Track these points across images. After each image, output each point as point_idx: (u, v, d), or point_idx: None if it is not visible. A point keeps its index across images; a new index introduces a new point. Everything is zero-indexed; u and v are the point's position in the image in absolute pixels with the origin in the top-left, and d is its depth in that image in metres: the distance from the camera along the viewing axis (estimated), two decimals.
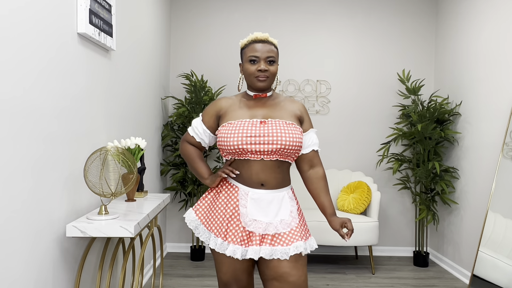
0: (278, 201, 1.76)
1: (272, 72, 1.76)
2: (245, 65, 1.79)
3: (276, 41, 1.81)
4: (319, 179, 1.83)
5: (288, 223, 1.74)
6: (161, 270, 2.86)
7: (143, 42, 3.27)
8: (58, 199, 1.87)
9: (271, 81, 1.78)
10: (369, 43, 4.39)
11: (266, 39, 1.77)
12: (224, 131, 1.74)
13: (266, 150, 1.70)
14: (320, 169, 1.85)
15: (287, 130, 1.73)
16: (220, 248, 1.72)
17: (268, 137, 1.71)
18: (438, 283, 3.57)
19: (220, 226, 1.75)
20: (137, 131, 3.15)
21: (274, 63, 1.76)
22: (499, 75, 3.25)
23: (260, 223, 1.73)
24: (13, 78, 1.51)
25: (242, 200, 1.75)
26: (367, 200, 3.87)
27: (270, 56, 1.75)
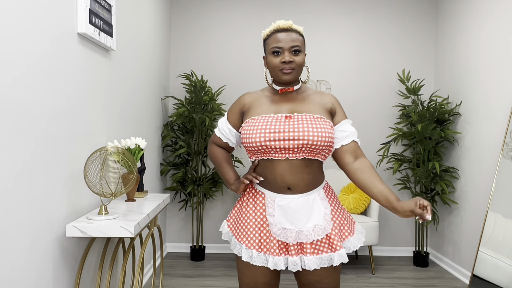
0: (309, 206, 1.59)
1: (298, 63, 1.59)
2: (268, 58, 1.62)
3: (301, 28, 1.65)
4: (370, 167, 1.60)
5: (323, 228, 1.59)
6: (161, 270, 2.86)
7: (143, 42, 3.27)
8: (58, 199, 1.87)
9: (298, 72, 1.61)
10: (369, 43, 4.39)
11: (289, 27, 1.61)
12: (247, 127, 1.60)
13: (292, 147, 1.54)
14: (366, 159, 1.64)
15: (316, 124, 1.56)
16: (257, 260, 1.59)
17: (293, 133, 1.54)
18: (438, 283, 3.57)
19: (252, 237, 1.61)
20: (137, 131, 3.15)
21: (300, 53, 1.60)
22: (499, 75, 3.25)
23: (290, 231, 1.58)
24: (13, 78, 1.51)
25: (269, 208, 1.61)
26: (367, 200, 3.87)
27: (294, 46, 1.58)
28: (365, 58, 4.40)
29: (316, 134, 1.54)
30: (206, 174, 4.04)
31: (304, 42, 1.64)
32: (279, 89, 1.66)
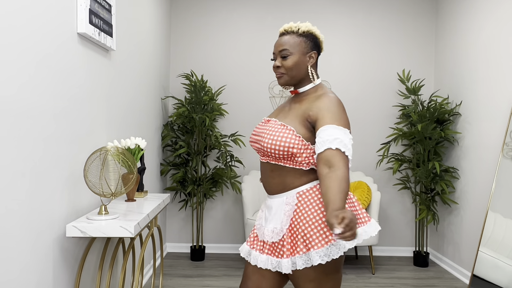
0: (276, 208, 1.61)
1: (285, 67, 1.58)
2: None
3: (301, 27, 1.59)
4: (331, 178, 1.39)
5: (277, 233, 1.59)
6: (161, 270, 2.86)
7: (143, 42, 3.27)
8: (58, 199, 1.87)
9: (290, 76, 1.59)
10: (369, 43, 4.39)
11: (284, 31, 1.61)
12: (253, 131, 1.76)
13: (255, 147, 1.66)
14: (337, 170, 1.40)
15: (273, 131, 1.56)
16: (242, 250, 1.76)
17: (257, 137, 1.64)
18: (438, 283, 3.57)
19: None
20: (137, 131, 3.15)
21: (288, 57, 1.57)
22: (499, 75, 3.25)
23: (261, 228, 1.68)
24: (12, 78, 1.51)
25: (261, 210, 1.77)
26: (367, 200, 3.87)
27: (282, 50, 1.58)
28: (365, 58, 4.40)
29: (268, 141, 1.55)
30: (206, 174, 4.04)
31: (301, 43, 1.58)
32: (290, 90, 1.68)
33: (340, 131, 1.45)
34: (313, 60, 1.61)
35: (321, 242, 1.50)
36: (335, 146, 1.43)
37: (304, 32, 1.59)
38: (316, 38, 1.62)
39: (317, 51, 1.62)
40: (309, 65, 1.61)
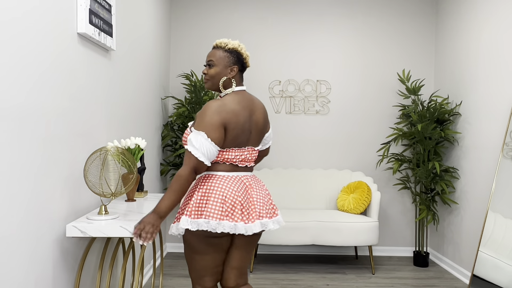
0: None
1: (209, 74, 1.90)
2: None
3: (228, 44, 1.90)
4: (174, 177, 1.79)
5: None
6: (161, 270, 2.86)
7: (143, 42, 3.27)
8: (58, 199, 1.87)
9: (211, 83, 1.91)
10: (369, 43, 4.39)
11: (215, 45, 1.92)
12: None
13: None
14: (181, 168, 1.79)
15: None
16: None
17: None
18: (438, 283, 3.57)
19: None
20: (137, 131, 3.15)
21: (211, 67, 1.90)
22: (499, 75, 3.25)
23: None
24: (12, 78, 1.51)
25: None
26: (367, 200, 3.87)
27: (209, 60, 1.90)
28: (365, 58, 4.40)
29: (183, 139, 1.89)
30: None
31: (227, 57, 1.89)
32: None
33: (194, 134, 1.79)
34: (234, 73, 1.89)
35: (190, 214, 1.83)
36: (189, 148, 1.79)
37: (229, 49, 1.90)
38: (240, 55, 1.91)
39: (239, 65, 1.92)
40: (230, 77, 1.90)
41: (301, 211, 3.97)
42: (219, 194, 1.80)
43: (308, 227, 3.68)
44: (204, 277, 1.90)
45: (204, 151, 1.76)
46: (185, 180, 1.75)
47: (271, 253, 4.36)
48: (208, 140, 1.76)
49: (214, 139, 1.77)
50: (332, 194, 4.19)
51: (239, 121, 1.83)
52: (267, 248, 4.38)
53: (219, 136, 1.78)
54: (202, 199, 1.81)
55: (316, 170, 4.30)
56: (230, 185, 1.83)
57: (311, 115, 4.40)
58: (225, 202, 1.79)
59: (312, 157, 4.40)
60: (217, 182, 1.83)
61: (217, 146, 1.79)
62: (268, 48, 4.39)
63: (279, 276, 3.66)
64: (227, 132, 1.81)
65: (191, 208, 1.80)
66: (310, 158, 4.40)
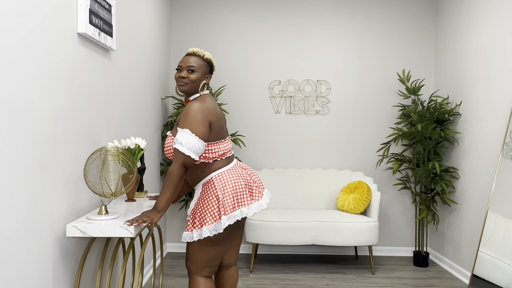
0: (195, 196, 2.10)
1: (190, 79, 2.04)
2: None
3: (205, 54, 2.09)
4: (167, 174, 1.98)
5: (189, 214, 2.06)
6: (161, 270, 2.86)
7: (143, 42, 3.27)
8: (58, 199, 1.87)
9: (189, 87, 2.05)
10: (369, 43, 4.39)
11: (191, 52, 2.08)
12: None
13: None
14: (172, 166, 1.96)
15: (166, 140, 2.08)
16: None
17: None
18: (438, 283, 3.57)
19: None
20: (137, 131, 3.15)
21: (193, 73, 2.05)
22: (499, 75, 3.25)
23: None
24: (12, 78, 1.51)
25: None
26: (367, 200, 3.87)
27: (190, 66, 2.05)
28: (365, 58, 4.40)
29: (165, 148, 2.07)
30: None
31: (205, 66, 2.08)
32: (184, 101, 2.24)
33: (181, 132, 1.95)
34: (208, 80, 2.11)
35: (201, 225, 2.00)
36: (177, 146, 1.95)
37: (206, 59, 2.10)
38: (212, 65, 2.13)
39: (211, 74, 2.14)
40: (207, 82, 2.10)
41: (301, 211, 3.97)
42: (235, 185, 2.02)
43: (308, 227, 3.68)
44: (207, 267, 2.09)
45: (189, 146, 1.92)
46: (176, 175, 1.92)
47: (271, 253, 4.36)
48: (193, 135, 1.93)
49: (198, 134, 1.93)
50: (332, 194, 4.19)
51: (218, 114, 2.05)
52: (267, 248, 4.38)
53: (203, 130, 1.95)
54: (224, 195, 1.99)
55: (316, 170, 4.30)
56: (237, 173, 2.06)
57: (311, 115, 4.40)
58: (244, 188, 2.03)
59: (312, 157, 4.40)
60: (227, 176, 2.03)
61: (202, 140, 1.95)
62: (268, 48, 4.39)
63: (279, 276, 3.66)
64: (212, 125, 2.00)
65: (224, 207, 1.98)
66: (310, 158, 4.40)
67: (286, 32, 4.39)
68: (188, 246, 2.10)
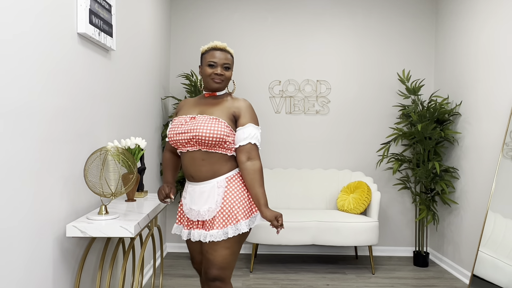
0: (207, 192, 1.98)
1: (227, 76, 2.01)
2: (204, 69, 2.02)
3: (231, 51, 2.06)
4: (255, 171, 1.95)
5: (213, 210, 1.97)
6: (161, 270, 2.86)
7: (143, 42, 3.27)
8: (58, 199, 1.87)
9: (224, 84, 2.02)
10: (369, 43, 4.39)
11: (222, 47, 2.02)
12: (170, 126, 2.02)
13: (185, 139, 1.93)
14: (257, 162, 1.97)
15: (208, 123, 1.92)
16: (176, 230, 2.13)
17: (189, 129, 1.93)
18: (438, 283, 3.57)
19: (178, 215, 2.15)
20: (137, 131, 3.15)
21: (228, 70, 2.02)
22: (499, 75, 3.25)
23: (193, 211, 2.02)
24: (13, 78, 1.51)
25: (184, 192, 2.09)
26: (367, 200, 3.87)
27: (225, 63, 2.00)
28: (365, 58, 4.40)
29: (205, 130, 1.90)
30: None
31: (232, 62, 2.06)
32: (205, 93, 2.07)
33: (256, 129, 1.99)
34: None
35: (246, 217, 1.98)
36: (253, 141, 1.96)
37: (232, 56, 2.06)
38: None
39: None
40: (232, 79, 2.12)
41: (301, 211, 3.97)
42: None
43: (308, 227, 3.68)
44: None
45: (259, 141, 2.02)
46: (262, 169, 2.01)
47: (271, 253, 4.36)
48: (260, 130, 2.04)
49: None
50: (332, 194, 4.19)
51: None
52: (267, 248, 4.38)
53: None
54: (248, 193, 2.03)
55: (316, 170, 4.30)
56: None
57: (311, 115, 4.40)
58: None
59: (312, 157, 4.40)
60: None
61: None
62: (268, 48, 4.39)
63: (279, 276, 3.66)
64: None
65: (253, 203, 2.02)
66: (310, 158, 4.40)
67: (286, 32, 4.39)
68: (220, 251, 1.95)
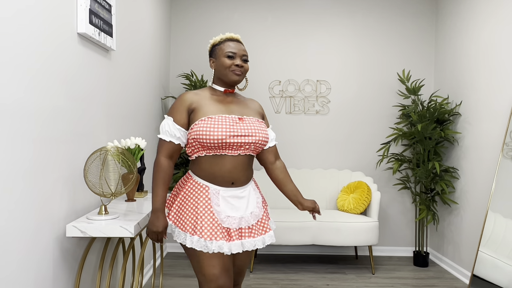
0: (246, 196, 1.88)
1: (246, 69, 1.88)
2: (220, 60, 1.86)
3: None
4: (285, 168, 2.03)
5: (257, 214, 1.90)
6: (161, 270, 2.86)
7: (143, 42, 3.27)
8: (58, 199, 1.87)
9: (243, 77, 1.89)
10: (369, 43, 4.39)
11: (239, 39, 1.91)
12: (205, 125, 1.76)
13: (246, 142, 1.80)
14: (282, 161, 2.04)
15: (260, 126, 1.89)
16: (198, 245, 1.74)
17: (247, 131, 1.82)
18: (438, 283, 3.57)
19: (194, 224, 1.77)
20: (137, 131, 3.15)
21: (247, 62, 1.89)
22: (499, 75, 3.25)
23: (233, 218, 1.82)
24: (13, 78, 1.51)
25: (214, 198, 1.81)
26: (367, 200, 3.87)
27: (244, 55, 1.87)
28: (365, 58, 4.40)
29: (261, 134, 1.86)
30: None
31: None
32: (224, 89, 1.89)
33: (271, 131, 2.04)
34: None
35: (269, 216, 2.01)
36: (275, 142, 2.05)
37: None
38: None
39: None
40: None
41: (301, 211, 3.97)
42: None
43: (308, 227, 3.68)
44: None
45: None
46: None
47: (271, 253, 4.36)
48: None
49: None
50: (332, 194, 4.19)
51: None
52: (267, 248, 4.38)
53: None
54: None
55: (316, 170, 4.30)
56: None
57: (311, 115, 4.40)
58: None
59: (312, 157, 4.40)
60: None
61: None
62: (268, 48, 4.39)
63: (279, 276, 3.66)
64: None
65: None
66: (310, 158, 4.40)
67: (286, 32, 4.39)
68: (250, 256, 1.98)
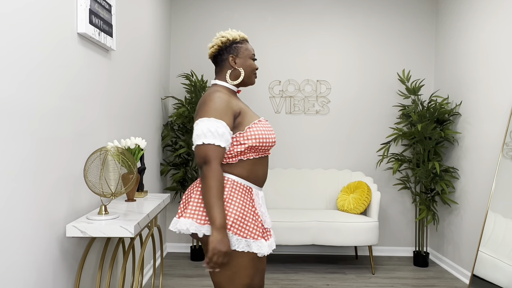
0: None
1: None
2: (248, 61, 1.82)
3: None
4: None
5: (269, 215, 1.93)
6: (161, 270, 2.86)
7: (143, 42, 3.27)
8: (58, 199, 1.87)
9: None
10: (369, 43, 4.39)
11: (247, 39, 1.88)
12: (260, 128, 1.69)
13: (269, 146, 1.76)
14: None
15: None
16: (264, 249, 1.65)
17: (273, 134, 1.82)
18: (438, 283, 3.57)
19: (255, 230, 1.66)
20: (137, 131, 3.15)
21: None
22: (499, 75, 3.25)
23: (267, 218, 1.80)
24: (12, 78, 1.51)
25: (256, 199, 1.73)
26: (367, 200, 3.87)
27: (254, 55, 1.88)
28: (365, 58, 4.40)
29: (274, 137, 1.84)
30: None
31: None
32: (238, 90, 1.87)
33: None
34: None
35: None
36: None
37: None
38: None
39: None
40: None
41: (301, 211, 3.97)
42: None
43: (308, 227, 3.68)
44: None
45: None
46: None
47: (271, 253, 4.36)
48: None
49: None
50: (332, 194, 4.19)
51: None
52: None
53: None
54: None
55: (316, 170, 4.30)
56: None
57: (311, 115, 4.40)
58: None
59: (312, 157, 4.40)
60: None
61: None
62: (268, 48, 4.39)
63: (279, 276, 3.66)
64: None
65: None
66: (310, 158, 4.40)
67: (286, 32, 4.39)
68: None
